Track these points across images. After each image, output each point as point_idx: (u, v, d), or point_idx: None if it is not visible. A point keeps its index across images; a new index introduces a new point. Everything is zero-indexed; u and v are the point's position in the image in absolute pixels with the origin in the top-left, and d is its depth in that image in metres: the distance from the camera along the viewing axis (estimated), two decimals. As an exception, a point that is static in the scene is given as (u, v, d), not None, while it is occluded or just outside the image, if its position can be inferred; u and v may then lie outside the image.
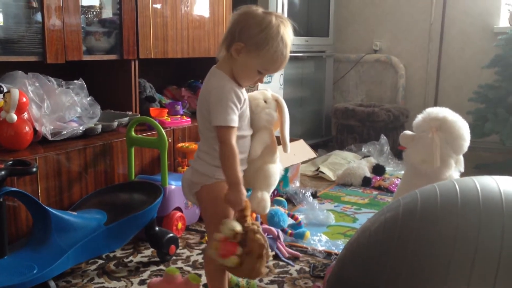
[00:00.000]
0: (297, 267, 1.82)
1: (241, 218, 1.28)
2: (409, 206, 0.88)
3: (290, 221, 2.16)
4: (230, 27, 1.36)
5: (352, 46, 4.31)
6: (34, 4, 2.03)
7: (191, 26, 2.69)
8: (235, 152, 1.31)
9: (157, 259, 1.87)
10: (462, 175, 1.83)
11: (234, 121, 1.32)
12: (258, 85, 1.60)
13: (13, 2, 2.06)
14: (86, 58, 2.20)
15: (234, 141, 1.32)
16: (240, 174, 1.32)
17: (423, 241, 0.81)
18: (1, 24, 2.08)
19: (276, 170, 1.52)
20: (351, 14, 4.26)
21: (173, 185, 2.04)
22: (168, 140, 1.99)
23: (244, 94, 1.39)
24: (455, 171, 1.81)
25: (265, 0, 3.17)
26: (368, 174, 2.98)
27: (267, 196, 1.49)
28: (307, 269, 1.81)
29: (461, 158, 1.80)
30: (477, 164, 3.28)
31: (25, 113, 1.86)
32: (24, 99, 1.82)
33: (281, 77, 2.97)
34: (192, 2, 2.68)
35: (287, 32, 1.33)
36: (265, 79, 2.90)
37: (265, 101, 1.49)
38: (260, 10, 1.35)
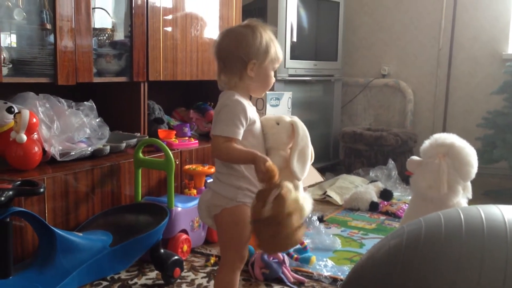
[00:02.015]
0: (302, 292, 1.81)
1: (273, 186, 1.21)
2: (413, 234, 0.88)
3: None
4: (229, 58, 1.38)
5: (360, 71, 4.33)
6: (48, 26, 2.07)
7: (201, 49, 2.72)
8: (232, 146, 1.31)
9: (162, 282, 1.86)
10: (470, 201, 1.81)
11: (235, 133, 1.32)
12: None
13: (27, 24, 2.10)
14: (97, 80, 2.23)
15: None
16: (248, 150, 1.31)
17: (426, 269, 0.80)
18: (15, 45, 2.11)
19: None
20: (359, 38, 4.29)
21: (179, 207, 2.04)
22: (175, 162, 2.00)
23: (253, 110, 1.40)
24: (462, 197, 1.80)
25: (274, 24, 3.20)
26: (376, 199, 2.96)
27: None
28: (312, 294, 1.79)
29: (469, 184, 1.79)
30: (486, 190, 3.25)
31: (35, 133, 1.88)
32: (34, 120, 1.85)
33: (289, 100, 2.98)
34: (202, 26, 2.72)
35: (268, 29, 1.42)
36: (273, 102, 2.93)
37: (278, 123, 1.46)
38: (237, 27, 1.43)
